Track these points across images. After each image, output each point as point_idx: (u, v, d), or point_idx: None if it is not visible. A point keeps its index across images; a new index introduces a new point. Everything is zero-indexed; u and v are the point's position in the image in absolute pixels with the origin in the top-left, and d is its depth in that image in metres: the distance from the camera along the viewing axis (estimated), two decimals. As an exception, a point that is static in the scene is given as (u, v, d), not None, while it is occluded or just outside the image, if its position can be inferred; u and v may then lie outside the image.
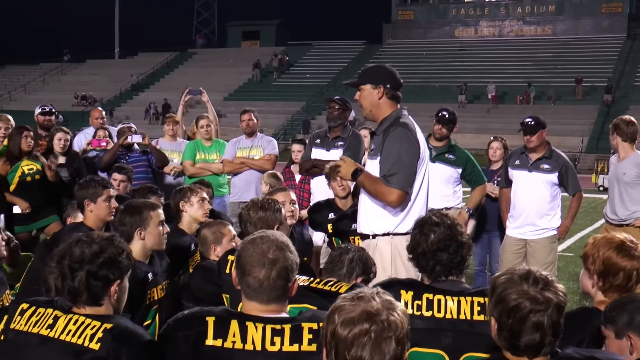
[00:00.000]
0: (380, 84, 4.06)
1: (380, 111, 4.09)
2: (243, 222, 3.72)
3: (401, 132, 3.93)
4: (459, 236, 2.94)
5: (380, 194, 3.93)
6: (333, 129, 6.57)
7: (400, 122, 3.98)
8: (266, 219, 3.66)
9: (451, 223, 2.96)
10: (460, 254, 2.92)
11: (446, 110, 6.55)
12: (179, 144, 7.91)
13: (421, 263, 2.97)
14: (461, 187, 6.65)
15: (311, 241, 5.13)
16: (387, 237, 4.02)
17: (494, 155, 7.12)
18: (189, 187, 4.90)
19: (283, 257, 2.44)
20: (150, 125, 41.93)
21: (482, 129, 34.99)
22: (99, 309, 2.52)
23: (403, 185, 3.90)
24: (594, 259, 2.82)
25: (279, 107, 43.36)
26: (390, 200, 3.91)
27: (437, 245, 2.91)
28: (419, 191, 4.02)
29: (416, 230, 3.00)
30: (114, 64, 56.22)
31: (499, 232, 6.85)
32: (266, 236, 2.48)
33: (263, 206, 3.70)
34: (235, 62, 51.64)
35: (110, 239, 2.59)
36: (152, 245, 3.83)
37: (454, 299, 2.82)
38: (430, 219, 2.98)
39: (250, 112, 7.55)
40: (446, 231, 2.93)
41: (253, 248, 2.44)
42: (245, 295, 2.44)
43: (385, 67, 4.18)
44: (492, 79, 40.63)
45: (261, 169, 7.26)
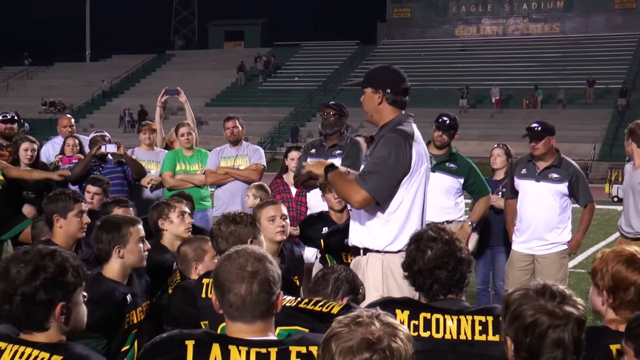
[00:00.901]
0: (380, 89, 4.08)
1: (380, 117, 4.11)
2: (214, 238, 3.72)
3: (395, 138, 3.94)
4: (458, 252, 2.97)
5: (347, 191, 3.95)
6: (329, 137, 6.57)
7: (399, 128, 3.99)
8: (238, 232, 3.66)
9: (449, 238, 2.99)
10: (459, 271, 2.95)
11: (447, 115, 6.59)
12: (157, 153, 7.91)
13: (417, 282, 2.99)
14: (463, 199, 6.68)
15: (302, 258, 5.14)
16: (378, 254, 4.03)
17: (495, 163, 7.16)
18: (165, 202, 4.89)
19: (263, 268, 2.45)
20: (125, 133, 41.83)
21: (485, 136, 35.11)
22: (49, 334, 2.44)
23: (374, 189, 3.89)
24: (602, 274, 2.83)
25: (265, 113, 43.37)
26: (354, 199, 3.91)
27: (435, 263, 2.93)
28: (413, 205, 4.02)
29: (412, 246, 3.02)
30: (85, 67, 56.13)
31: (504, 247, 6.88)
32: (242, 249, 2.50)
33: (235, 220, 3.70)
34: (217, 65, 51.66)
35: (51, 255, 2.45)
36: (131, 263, 3.84)
37: (454, 318, 2.84)
38: (426, 234, 3.01)
39: (235, 119, 7.57)
40: (444, 247, 2.96)
41: (230, 264, 2.45)
42: (229, 316, 2.44)
43: (389, 69, 4.19)
44: (496, 82, 40.83)
45: (247, 179, 7.28)
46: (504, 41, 48.46)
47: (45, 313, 2.42)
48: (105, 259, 3.84)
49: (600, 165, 32.00)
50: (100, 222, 3.95)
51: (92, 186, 6.14)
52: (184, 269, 4.29)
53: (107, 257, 3.82)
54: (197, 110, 44.86)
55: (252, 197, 6.40)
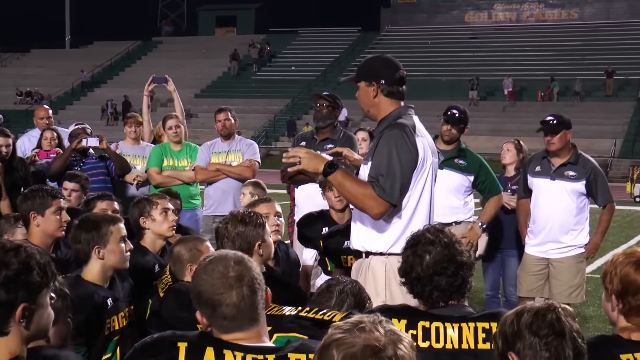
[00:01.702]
0: (373, 81, 4.07)
1: (378, 110, 4.10)
2: (220, 238, 3.73)
3: (396, 134, 3.93)
4: (458, 255, 2.96)
5: (365, 200, 3.88)
6: (321, 129, 6.59)
7: (398, 122, 3.98)
8: (246, 234, 3.67)
9: (448, 241, 2.98)
10: (460, 276, 2.94)
11: (456, 108, 6.59)
12: (143, 148, 7.91)
13: (416, 289, 2.99)
14: (473, 198, 6.69)
15: (298, 261, 5.16)
16: (381, 257, 4.04)
17: (504, 158, 7.16)
18: (147, 198, 4.88)
19: (245, 268, 2.47)
20: (107, 126, 41.84)
21: (497, 130, 35.14)
22: (7, 339, 2.31)
23: (392, 195, 3.86)
24: (611, 278, 2.84)
25: (260, 105, 43.37)
26: (375, 211, 3.87)
27: (434, 269, 2.93)
28: (419, 203, 4.02)
29: (408, 251, 3.02)
30: (64, 54, 56.11)
31: (517, 250, 6.88)
32: (214, 257, 2.51)
33: (243, 220, 3.71)
34: (207, 53, 51.65)
35: (15, 250, 2.35)
36: (113, 265, 3.84)
37: (455, 326, 2.84)
38: (424, 237, 3.00)
39: (227, 111, 7.55)
40: (443, 251, 2.95)
41: (209, 275, 2.46)
42: (223, 330, 2.45)
43: (380, 58, 4.19)
44: (508, 72, 40.86)
45: (240, 177, 7.27)
46: (517, 28, 48.48)
47: (4, 315, 2.31)
48: (84, 260, 3.83)
49: (621, 163, 32.03)
50: (79, 220, 3.95)
51: (69, 182, 6.14)
52: (177, 271, 4.29)
53: (86, 258, 3.82)
54: (186, 102, 44.68)
55: (249, 195, 6.39)
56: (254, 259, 3.62)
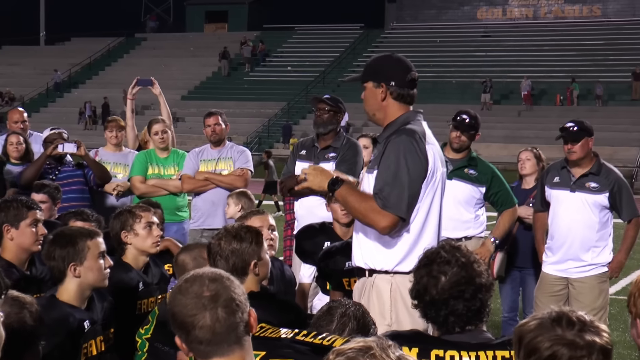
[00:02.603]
0: (383, 82, 4.08)
1: (385, 114, 4.11)
2: (212, 256, 3.72)
3: (404, 141, 3.94)
4: (477, 277, 2.95)
5: (369, 214, 3.91)
6: (322, 136, 6.59)
7: (406, 128, 3.99)
8: (241, 252, 3.66)
9: (466, 260, 2.97)
10: (479, 300, 2.94)
11: (466, 113, 6.60)
12: (125, 155, 7.91)
13: (430, 313, 2.98)
14: (485, 211, 6.70)
15: (293, 279, 5.15)
16: (386, 275, 4.03)
17: (523, 168, 7.18)
18: (129, 210, 4.87)
19: (222, 287, 2.47)
20: (86, 130, 41.83)
21: (511, 137, 35.17)
22: None
23: (399, 208, 3.88)
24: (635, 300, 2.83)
25: (253, 108, 43.39)
26: (381, 225, 3.89)
27: (450, 292, 2.92)
28: (428, 217, 4.02)
29: (422, 272, 3.00)
30: (38, 51, 56.15)
31: (534, 268, 6.89)
32: (191, 276, 2.51)
33: (239, 235, 3.70)
34: (196, 51, 51.72)
35: None
36: (90, 283, 3.84)
37: (471, 355, 2.83)
38: (439, 256, 2.98)
39: (217, 115, 7.56)
40: (460, 272, 2.94)
41: (184, 296, 2.47)
42: (201, 355, 2.45)
43: (391, 57, 4.21)
44: (525, 74, 40.92)
45: (231, 187, 7.24)
46: (534, 26, 48.58)
47: None
48: (59, 278, 3.82)
49: (648, 173, 32.04)
50: (53, 235, 3.94)
51: (36, 194, 6.07)
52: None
53: (61, 276, 3.81)
54: (173, 105, 44.75)
55: (233, 205, 6.39)
56: (249, 278, 3.64)
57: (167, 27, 63.00)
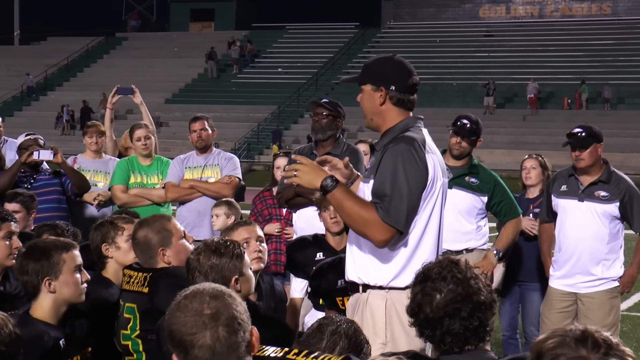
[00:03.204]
0: (382, 85, 4.08)
1: (383, 120, 4.12)
2: (191, 271, 3.72)
3: (403, 149, 3.94)
4: (475, 295, 2.95)
5: (366, 225, 3.88)
6: (321, 143, 6.58)
7: (405, 136, 3.99)
8: (221, 267, 3.67)
9: (462, 277, 2.97)
10: (477, 318, 2.94)
11: (467, 117, 6.61)
12: (106, 162, 7.91)
13: (425, 332, 2.98)
14: (487, 222, 6.71)
15: (284, 295, 5.15)
16: (381, 291, 4.02)
17: (528, 178, 7.18)
18: (110, 221, 4.85)
19: (224, 305, 2.47)
20: (63, 136, 41.78)
21: (516, 143, 35.23)
22: None
23: (397, 219, 3.86)
24: None
25: (241, 112, 43.41)
26: (378, 238, 3.87)
27: (445, 310, 2.92)
28: (426, 229, 4.02)
29: (417, 288, 3.01)
30: (12, 52, 56.10)
31: (538, 283, 6.90)
32: (191, 292, 2.52)
33: (218, 250, 3.70)
34: (181, 52, 51.74)
35: None
36: (66, 299, 3.83)
37: None
38: (433, 271, 2.99)
39: (203, 120, 7.56)
40: (456, 289, 2.94)
41: (183, 313, 2.47)
42: None
43: (393, 59, 4.20)
44: (530, 75, 41.02)
45: (218, 195, 7.26)
46: (540, 25, 48.73)
47: None
48: (33, 294, 3.82)
49: (660, 181, 32.11)
50: (25, 248, 3.93)
51: (9, 203, 6.06)
52: (147, 260, 4.21)
53: (35, 292, 3.80)
54: (156, 108, 44.76)
55: (225, 216, 6.36)
56: None
57: (150, 26, 62.99)
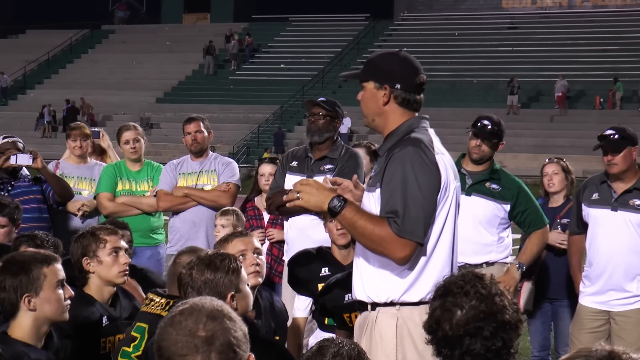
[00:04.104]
0: (386, 83, 4.10)
1: (386, 121, 4.14)
2: (183, 287, 3.75)
3: (411, 152, 3.95)
4: (499, 313, 2.96)
5: (383, 243, 3.89)
6: (317, 145, 6.61)
7: (411, 137, 4.01)
8: (215, 283, 3.69)
9: (486, 292, 2.98)
10: (501, 339, 2.95)
11: (488, 118, 6.61)
12: (91, 167, 7.93)
13: (443, 351, 2.99)
14: (510, 232, 6.71)
15: (285, 313, 5.15)
16: (391, 308, 4.03)
17: (551, 185, 7.17)
18: (92, 232, 4.86)
19: (221, 329, 2.47)
20: (44, 139, 41.81)
21: (542, 146, 35.16)
22: None
23: (414, 232, 3.87)
24: None
25: (240, 112, 43.42)
26: (399, 255, 3.88)
27: (466, 328, 2.94)
28: (440, 238, 4.03)
29: (436, 303, 3.03)
30: (-10, 47, 56.25)
31: (569, 300, 6.91)
32: (187, 308, 2.52)
33: (212, 264, 3.72)
34: (173, 46, 51.80)
35: None
36: (48, 317, 3.84)
37: None
38: (456, 286, 3.00)
39: (198, 121, 7.57)
40: (479, 305, 2.96)
41: (175, 330, 2.47)
42: None
43: (397, 56, 4.21)
44: (558, 72, 40.96)
45: (215, 204, 7.28)
46: (569, 16, 48.67)
47: None
48: (12, 312, 3.83)
49: (702, 189, 32.04)
50: (3, 262, 3.94)
51: None
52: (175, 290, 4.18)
53: (13, 310, 3.81)
54: (146, 108, 44.93)
55: (232, 227, 6.36)
56: None
57: (140, 18, 63.07)
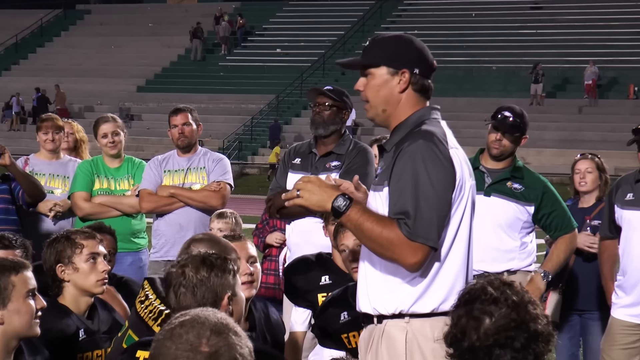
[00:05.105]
0: (406, 68, 4.09)
1: (397, 112, 4.13)
2: (173, 287, 3.72)
3: (422, 147, 3.95)
4: (532, 322, 2.98)
5: (393, 247, 3.89)
6: (322, 139, 6.62)
7: (422, 130, 4.01)
8: (212, 283, 3.66)
9: (518, 300, 3.00)
10: (532, 352, 2.96)
11: (509, 109, 6.61)
12: (64, 164, 7.94)
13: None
14: (534, 237, 6.72)
15: (282, 326, 5.16)
16: (399, 321, 4.03)
17: (583, 183, 7.17)
18: (67, 236, 4.86)
19: (226, 345, 2.48)
20: (11, 132, 41.82)
21: (570, 141, 35.15)
22: None
23: (429, 236, 3.88)
24: None
25: (231, 102, 43.40)
26: (410, 261, 3.88)
27: (495, 338, 2.95)
28: (454, 242, 4.04)
29: (460, 310, 3.04)
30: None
31: (600, 312, 6.93)
32: (189, 319, 2.53)
33: (208, 262, 3.70)
34: (156, 28, 51.76)
35: None
36: (16, 331, 3.86)
37: None
38: (484, 292, 3.02)
39: (186, 112, 7.58)
40: (510, 313, 2.97)
41: (175, 344, 2.49)
42: None
43: (404, 37, 4.22)
44: (588, 57, 40.89)
45: (204, 205, 7.32)
46: (599, -6, 48.61)
47: None
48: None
49: None
50: None
51: None
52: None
53: (-23, 322, 3.84)
54: (126, 98, 44.87)
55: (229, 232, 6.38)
56: None
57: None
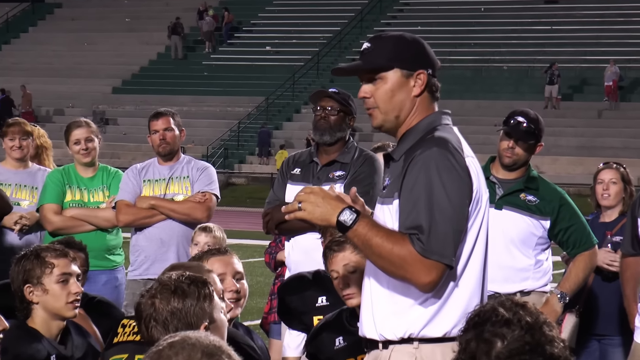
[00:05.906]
0: (421, 69, 4.11)
1: (409, 117, 4.14)
2: (143, 320, 3.70)
3: (436, 155, 3.95)
4: (548, 344, 2.99)
5: (405, 265, 3.89)
6: (325, 148, 6.62)
7: (436, 137, 4.02)
8: (185, 312, 3.64)
9: (532, 321, 3.01)
10: None
11: (523, 114, 6.62)
12: (33, 173, 7.96)
13: None
14: (550, 254, 6.74)
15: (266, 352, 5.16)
16: (407, 346, 4.03)
17: (606, 195, 7.17)
18: (36, 254, 4.85)
19: None
20: (-26, 138, 41.78)
21: (588, 148, 35.22)
22: None
23: (444, 253, 3.89)
24: None
25: (216, 105, 43.40)
26: (424, 280, 3.88)
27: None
28: (470, 260, 4.06)
29: (469, 334, 3.05)
30: None
31: (621, 337, 6.93)
32: (179, 341, 2.55)
33: (180, 289, 3.67)
34: (134, 24, 51.79)
35: None
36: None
37: None
38: (494, 313, 3.03)
39: (168, 116, 7.59)
40: (524, 336, 2.98)
41: None
42: None
43: (407, 37, 4.22)
44: (607, 56, 40.97)
45: (188, 218, 7.35)
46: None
47: None
48: None
49: None
50: None
51: None
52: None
53: None
54: (100, 100, 44.87)
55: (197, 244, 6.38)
56: None
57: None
